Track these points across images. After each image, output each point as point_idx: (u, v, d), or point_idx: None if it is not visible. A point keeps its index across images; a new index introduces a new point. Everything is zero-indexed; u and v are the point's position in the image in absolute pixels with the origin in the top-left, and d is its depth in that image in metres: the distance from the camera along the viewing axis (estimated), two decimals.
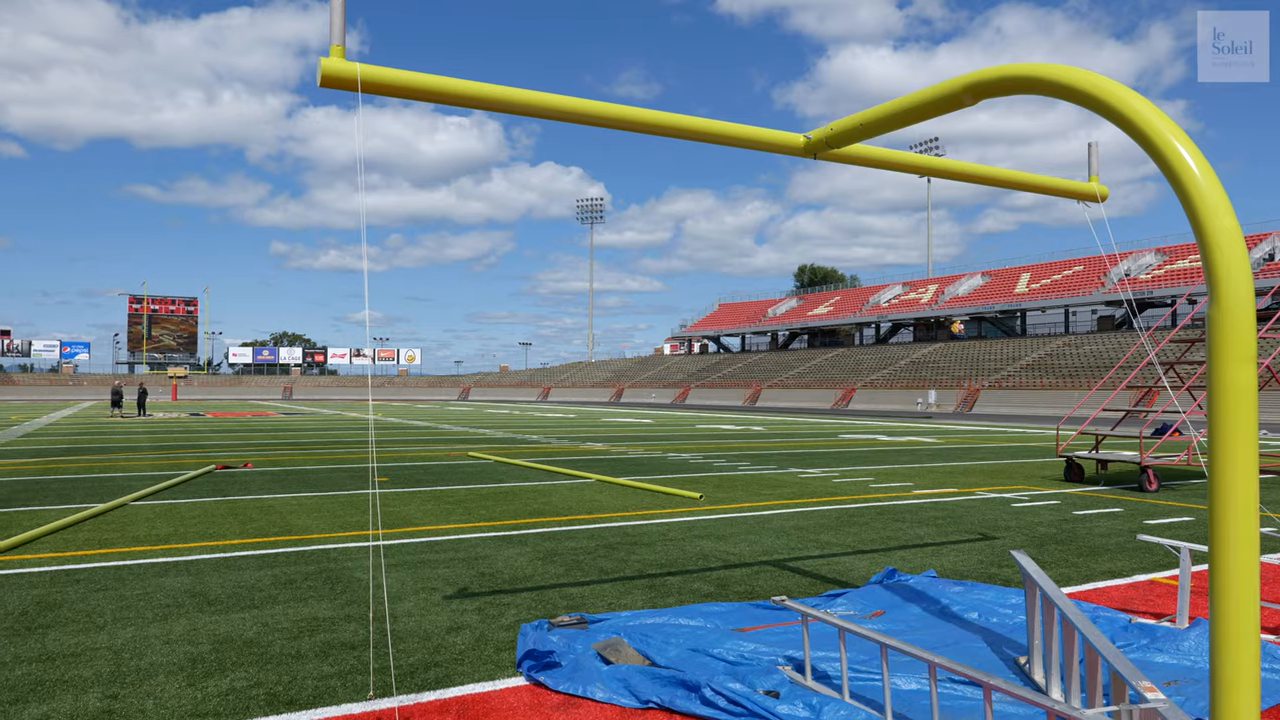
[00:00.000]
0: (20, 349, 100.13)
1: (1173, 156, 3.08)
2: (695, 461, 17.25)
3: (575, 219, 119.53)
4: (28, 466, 15.87)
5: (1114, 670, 3.35)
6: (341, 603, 6.04)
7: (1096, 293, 62.37)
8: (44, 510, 10.33)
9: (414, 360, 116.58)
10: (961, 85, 4.23)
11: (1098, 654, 3.60)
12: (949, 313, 72.92)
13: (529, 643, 4.89)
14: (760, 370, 78.97)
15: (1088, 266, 67.10)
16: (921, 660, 3.65)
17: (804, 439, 24.91)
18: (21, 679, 4.48)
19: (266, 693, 4.30)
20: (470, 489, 12.52)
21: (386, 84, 4.29)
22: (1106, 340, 57.68)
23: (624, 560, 7.51)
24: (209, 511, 10.26)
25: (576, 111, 4.79)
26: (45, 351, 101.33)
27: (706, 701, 4.12)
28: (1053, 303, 65.30)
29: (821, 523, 9.66)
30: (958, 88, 4.27)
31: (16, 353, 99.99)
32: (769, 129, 5.37)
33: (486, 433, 27.61)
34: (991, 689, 3.33)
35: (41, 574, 6.91)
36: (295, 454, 18.88)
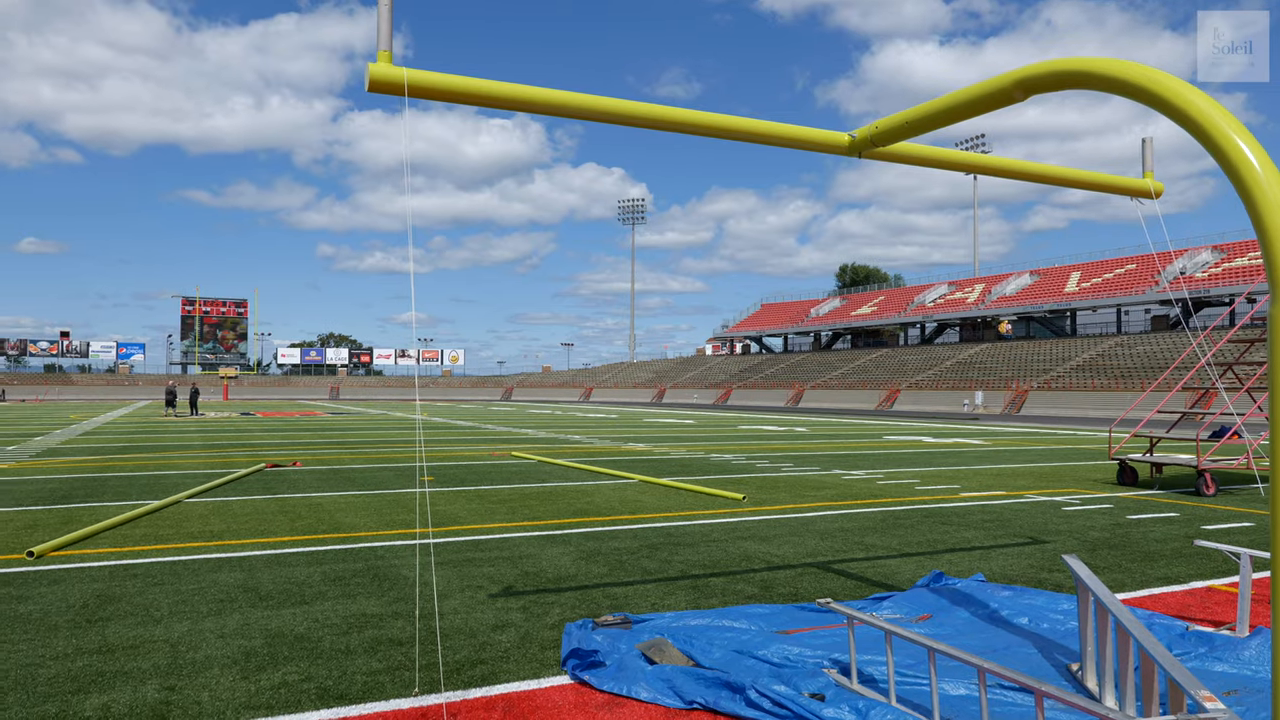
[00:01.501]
0: (79, 350, 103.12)
1: (1231, 151, 3.00)
2: (738, 463, 17.20)
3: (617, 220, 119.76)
4: (87, 464, 16.34)
5: (1171, 678, 3.27)
6: (389, 600, 6.12)
7: (1150, 291, 60.91)
8: (102, 506, 10.63)
9: (457, 361, 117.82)
10: (1012, 81, 4.17)
11: (1154, 661, 3.52)
12: (996, 312, 71.73)
13: (573, 642, 4.91)
14: (803, 371, 78.43)
15: (1141, 265, 65.55)
16: (970, 665, 3.60)
17: (848, 440, 24.69)
18: (83, 670, 4.62)
19: (317, 687, 4.38)
20: (514, 488, 12.61)
21: (433, 88, 4.35)
22: (1160, 340, 56.30)
23: (667, 561, 7.52)
24: (260, 509, 10.47)
25: (620, 113, 4.80)
26: (102, 352, 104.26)
27: (751, 703, 4.11)
28: (1104, 302, 63.89)
29: (866, 525, 9.57)
30: (1008, 83, 4.20)
31: (75, 353, 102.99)
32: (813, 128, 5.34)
33: (529, 433, 27.80)
34: (1043, 696, 3.27)
35: (101, 568, 7.11)
36: (342, 453, 19.18)
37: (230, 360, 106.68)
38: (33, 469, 15.32)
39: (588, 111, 4.78)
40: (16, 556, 7.54)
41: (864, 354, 79.31)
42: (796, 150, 5.49)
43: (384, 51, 4.17)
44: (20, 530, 8.88)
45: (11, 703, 4.15)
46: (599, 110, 4.77)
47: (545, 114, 4.86)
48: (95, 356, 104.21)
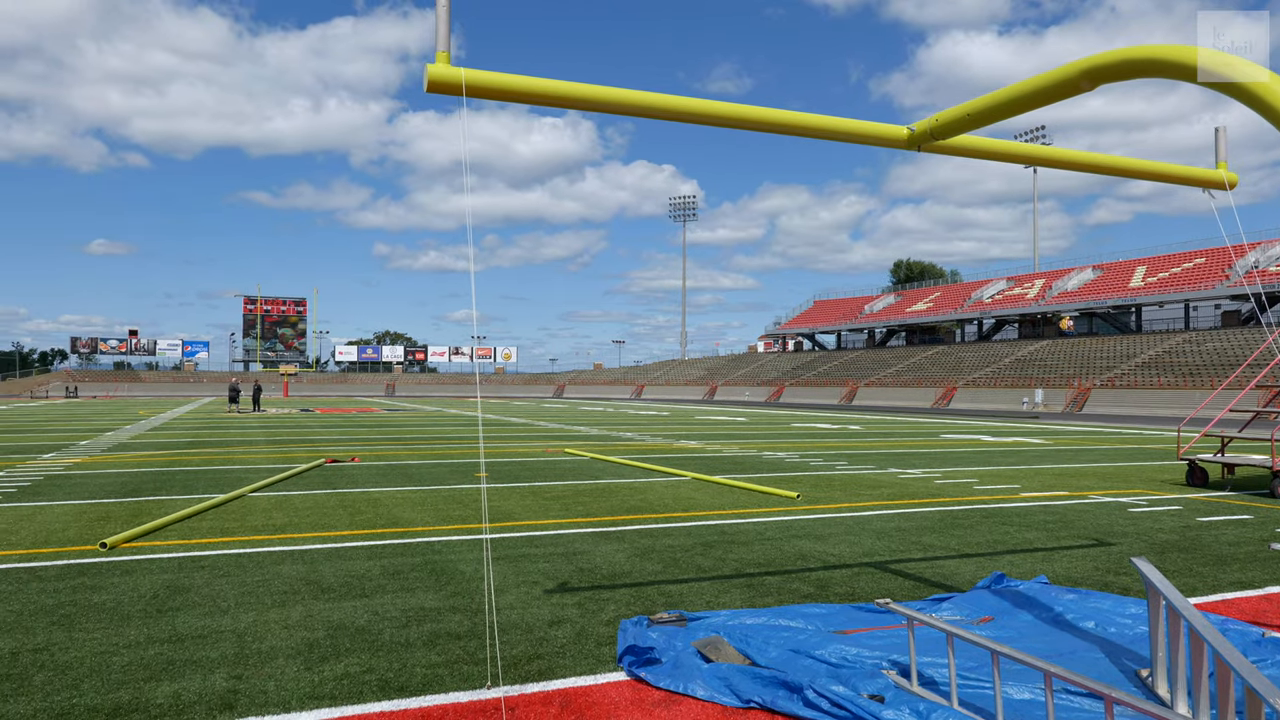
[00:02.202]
0: (147, 348, 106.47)
1: None
2: (791, 460, 17.07)
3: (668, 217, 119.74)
4: (155, 458, 16.86)
5: (1248, 686, 3.15)
6: (446, 594, 6.20)
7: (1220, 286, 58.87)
8: (170, 500, 10.95)
9: (510, 358, 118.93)
10: (1079, 70, 4.06)
11: (1230, 668, 3.40)
12: (1057, 308, 70.03)
13: (629, 638, 4.92)
14: (856, 368, 77.53)
15: (1210, 258, 63.40)
16: (1036, 669, 3.52)
17: (903, 438, 24.34)
18: (154, 658, 4.76)
19: (379, 679, 4.46)
20: (567, 485, 12.69)
21: (489, 87, 4.38)
22: (1231, 337, 54.39)
23: (721, 559, 7.49)
24: (320, 503, 10.69)
25: (677, 109, 4.79)
26: (169, 350, 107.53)
27: (809, 704, 4.07)
28: (1171, 297, 61.94)
29: (924, 524, 9.42)
30: (1074, 74, 4.09)
31: (143, 351, 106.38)
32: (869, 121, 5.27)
33: (581, 430, 27.94)
34: (1113, 702, 3.19)
35: (170, 560, 7.33)
36: (399, 449, 19.50)
37: (290, 358, 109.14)
38: (104, 463, 15.86)
39: (643, 109, 4.78)
40: (90, 547, 7.81)
41: (919, 351, 78.10)
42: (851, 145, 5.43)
43: (442, 52, 4.22)
44: (93, 522, 9.20)
45: (87, 689, 4.30)
46: (655, 107, 4.77)
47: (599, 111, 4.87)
48: (162, 354, 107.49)
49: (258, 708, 4.09)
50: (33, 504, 10.51)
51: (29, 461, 16.04)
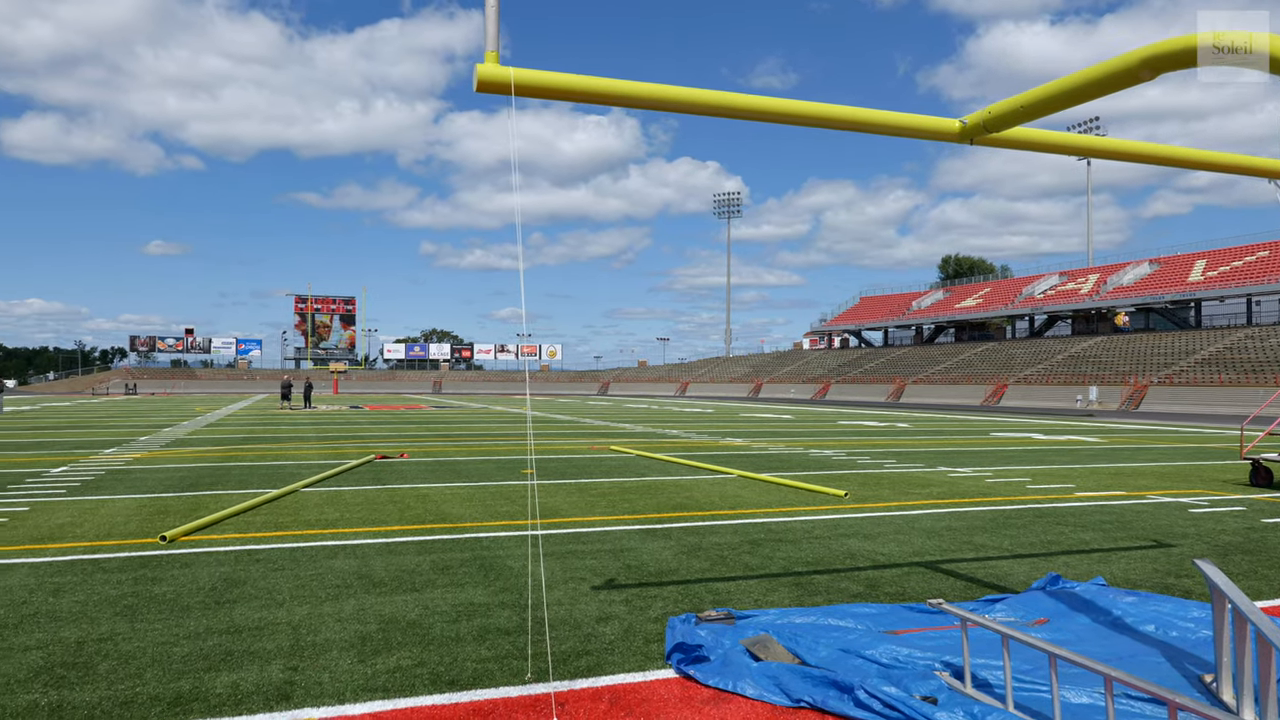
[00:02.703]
0: (202, 346, 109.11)
1: None
2: (838, 458, 16.91)
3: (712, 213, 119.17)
4: (211, 454, 17.27)
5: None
6: (495, 589, 6.26)
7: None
8: (226, 494, 11.21)
9: (555, 356, 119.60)
10: (1138, 60, 3.95)
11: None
12: (1112, 304, 68.39)
13: (677, 636, 4.91)
14: (904, 365, 76.55)
15: (1274, 251, 61.37)
16: (1096, 673, 3.44)
17: (952, 436, 23.97)
18: (213, 649, 4.87)
19: (430, 672, 4.51)
20: (613, 482, 12.72)
21: (538, 86, 4.40)
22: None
23: (769, 557, 7.45)
24: (371, 499, 10.86)
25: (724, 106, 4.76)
26: (223, 348, 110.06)
27: (860, 704, 4.03)
28: (1233, 291, 60.08)
29: (975, 524, 9.26)
30: (1134, 62, 3.98)
31: (199, 349, 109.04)
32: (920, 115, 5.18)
33: (626, 427, 27.99)
34: (1177, 707, 3.10)
35: (227, 553, 7.50)
36: (447, 445, 19.71)
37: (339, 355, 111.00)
38: (163, 458, 16.28)
39: (690, 105, 4.76)
40: (151, 540, 8.03)
41: (968, 348, 76.85)
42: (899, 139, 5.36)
43: (491, 52, 4.24)
44: (153, 515, 9.45)
45: (150, 678, 4.42)
46: (701, 103, 4.74)
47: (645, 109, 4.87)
48: (216, 352, 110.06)
49: (313, 699, 4.16)
50: (96, 498, 10.83)
51: (92, 456, 16.53)
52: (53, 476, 13.09)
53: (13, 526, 8.74)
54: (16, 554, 7.42)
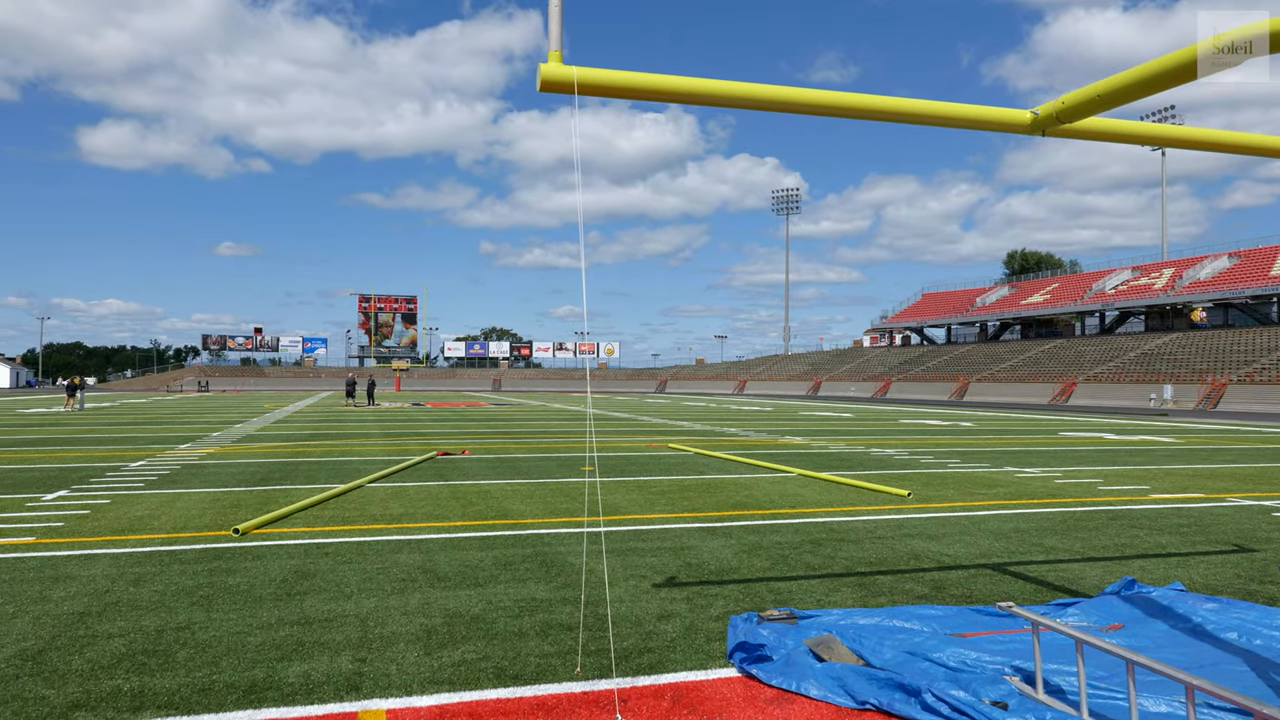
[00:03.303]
0: (270, 344, 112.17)
1: None
2: (900, 458, 16.64)
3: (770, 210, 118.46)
4: (280, 449, 17.73)
5: None
6: (556, 585, 6.30)
7: None
8: (295, 489, 11.50)
9: (613, 354, 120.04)
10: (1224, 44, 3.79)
11: None
12: (1188, 299, 66.04)
13: (739, 635, 4.89)
14: (968, 363, 75.00)
15: None
16: (1177, 681, 3.32)
17: (1019, 436, 23.40)
18: (285, 639, 5.00)
19: (494, 666, 4.57)
20: (672, 480, 12.71)
21: (601, 85, 4.40)
22: None
23: (830, 557, 7.36)
24: (434, 494, 11.03)
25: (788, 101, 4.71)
26: (290, 347, 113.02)
27: (927, 707, 3.96)
28: None
29: (1044, 526, 9.03)
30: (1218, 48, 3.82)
31: (267, 348, 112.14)
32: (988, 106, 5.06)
33: (685, 425, 27.95)
34: (1264, 718, 2.98)
35: (297, 546, 7.69)
36: (507, 443, 19.93)
37: (402, 353, 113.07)
38: (235, 454, 16.78)
39: (753, 101, 4.72)
40: (224, 533, 8.27)
41: (1035, 345, 74.96)
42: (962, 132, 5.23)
43: (555, 51, 4.26)
44: (226, 509, 9.73)
45: (225, 667, 4.55)
46: (765, 99, 4.70)
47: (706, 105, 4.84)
48: (284, 350, 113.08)
49: (381, 690, 4.24)
50: (172, 491, 11.20)
51: (167, 451, 17.11)
52: (131, 470, 13.58)
53: (95, 518, 9.09)
54: (99, 545, 7.71)
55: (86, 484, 11.84)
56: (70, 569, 6.74)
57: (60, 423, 27.02)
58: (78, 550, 7.46)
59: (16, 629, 5.17)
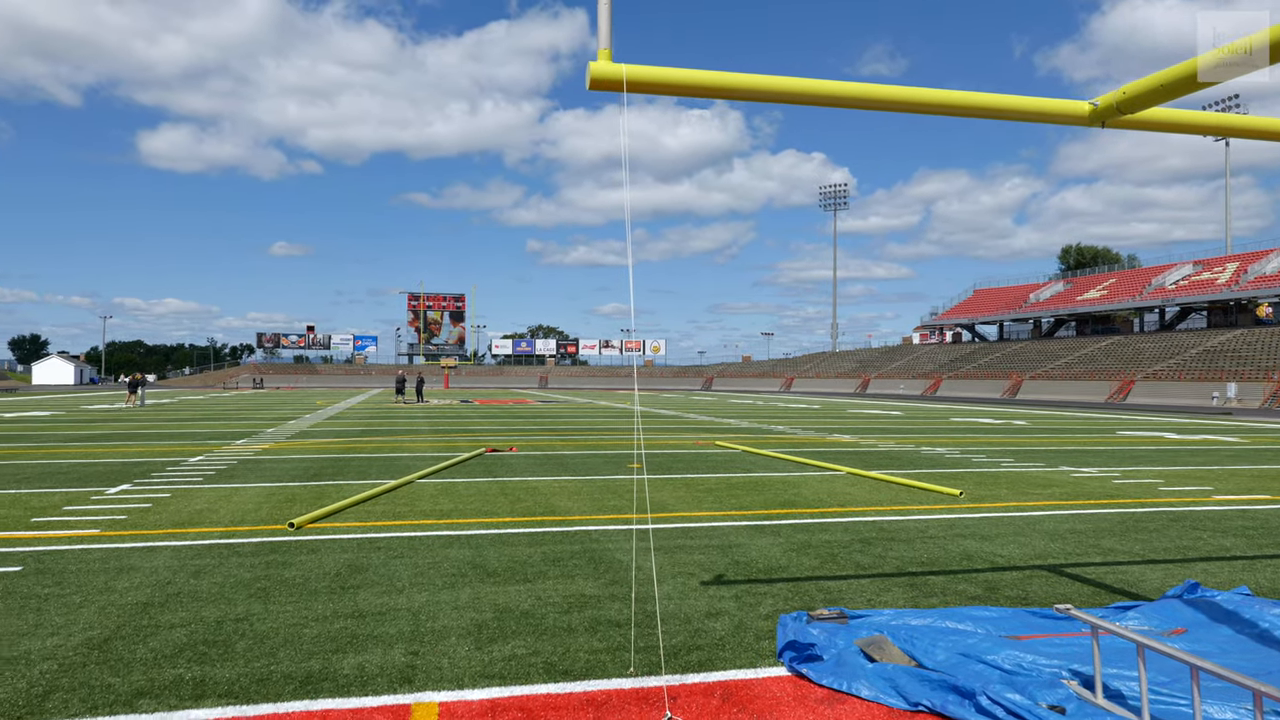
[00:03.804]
0: (322, 342, 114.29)
1: None
2: (951, 456, 16.38)
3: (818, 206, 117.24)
4: (332, 445, 18.06)
5: None
6: (605, 582, 6.32)
7: None
8: (347, 484, 11.70)
9: (658, 351, 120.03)
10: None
11: None
12: (1253, 294, 63.94)
13: (789, 634, 4.86)
14: (1021, 360, 73.57)
15: None
16: (1244, 687, 3.22)
17: (1075, 435, 22.89)
18: (339, 632, 5.09)
19: (544, 661, 4.60)
20: (720, 478, 12.67)
21: (650, 82, 4.40)
22: None
23: (881, 556, 7.28)
24: (482, 491, 11.14)
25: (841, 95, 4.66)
26: (341, 344, 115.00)
27: (982, 710, 3.89)
28: None
29: (1102, 527, 8.82)
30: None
31: (319, 345, 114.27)
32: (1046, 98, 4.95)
33: (731, 422, 27.85)
34: None
35: (350, 540, 7.83)
36: (554, 439, 20.05)
37: (450, 351, 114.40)
38: (289, 449, 17.13)
39: (803, 96, 4.67)
40: (280, 527, 8.45)
41: (1091, 342, 73.25)
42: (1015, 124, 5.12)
43: (604, 50, 4.27)
44: (281, 503, 9.94)
45: (283, 657, 4.65)
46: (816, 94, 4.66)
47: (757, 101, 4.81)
48: (335, 348, 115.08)
49: (433, 683, 4.30)
50: (229, 486, 11.48)
51: (225, 447, 17.53)
52: (190, 465, 13.94)
53: (157, 511, 9.35)
54: (161, 537, 7.93)
55: (148, 478, 12.18)
56: (133, 560, 6.94)
57: (122, 418, 27.84)
58: (140, 542, 7.68)
59: (84, 618, 5.34)
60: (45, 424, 24.50)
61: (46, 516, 8.94)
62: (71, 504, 9.78)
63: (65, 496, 10.34)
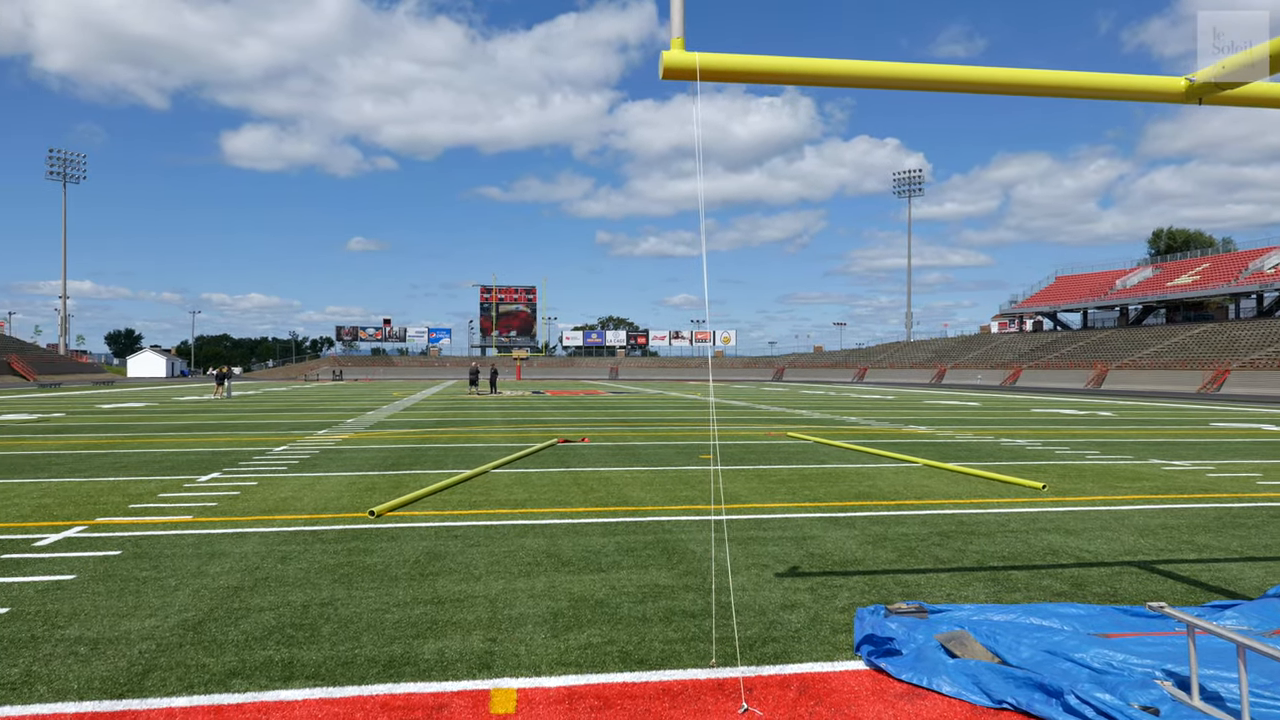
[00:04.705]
0: (398, 335, 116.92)
1: None
2: (1032, 449, 15.92)
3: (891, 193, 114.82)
4: (409, 436, 18.47)
5: None
6: (679, 572, 6.33)
7: None
8: (424, 474, 11.95)
9: (729, 342, 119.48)
10: None
11: None
12: None
13: (866, 627, 4.79)
14: (1106, 349, 71.03)
15: None
16: None
17: (1165, 426, 22.01)
18: (420, 618, 5.21)
19: (619, 651, 4.62)
20: (793, 469, 12.56)
21: (723, 70, 4.36)
22: None
23: (960, 550, 7.12)
24: (556, 481, 11.25)
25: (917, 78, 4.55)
26: (416, 337, 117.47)
27: (1070, 710, 3.77)
28: None
29: (1196, 523, 8.46)
30: None
31: (395, 338, 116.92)
32: (1138, 75, 4.74)
33: (803, 413, 27.56)
34: None
35: (428, 529, 8.00)
36: (625, 430, 20.13)
37: (522, 343, 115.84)
38: (368, 439, 17.58)
39: (880, 80, 4.58)
40: (361, 515, 8.68)
41: (1182, 330, 70.28)
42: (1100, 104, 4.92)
43: (677, 39, 4.25)
44: (362, 492, 10.21)
45: (366, 642, 4.78)
46: (893, 77, 4.55)
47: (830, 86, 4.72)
48: (411, 341, 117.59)
49: (511, 669, 4.36)
50: (313, 475, 11.83)
51: (307, 437, 18.09)
52: (275, 455, 14.42)
53: (245, 499, 9.70)
54: (249, 524, 8.23)
55: (236, 467, 12.64)
56: (224, 546, 7.21)
57: (211, 409, 28.96)
58: (230, 529, 7.98)
59: (179, 601, 5.58)
60: (140, 414, 25.65)
61: (143, 503, 9.36)
62: (166, 491, 10.22)
63: (160, 484, 10.81)
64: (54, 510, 8.88)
